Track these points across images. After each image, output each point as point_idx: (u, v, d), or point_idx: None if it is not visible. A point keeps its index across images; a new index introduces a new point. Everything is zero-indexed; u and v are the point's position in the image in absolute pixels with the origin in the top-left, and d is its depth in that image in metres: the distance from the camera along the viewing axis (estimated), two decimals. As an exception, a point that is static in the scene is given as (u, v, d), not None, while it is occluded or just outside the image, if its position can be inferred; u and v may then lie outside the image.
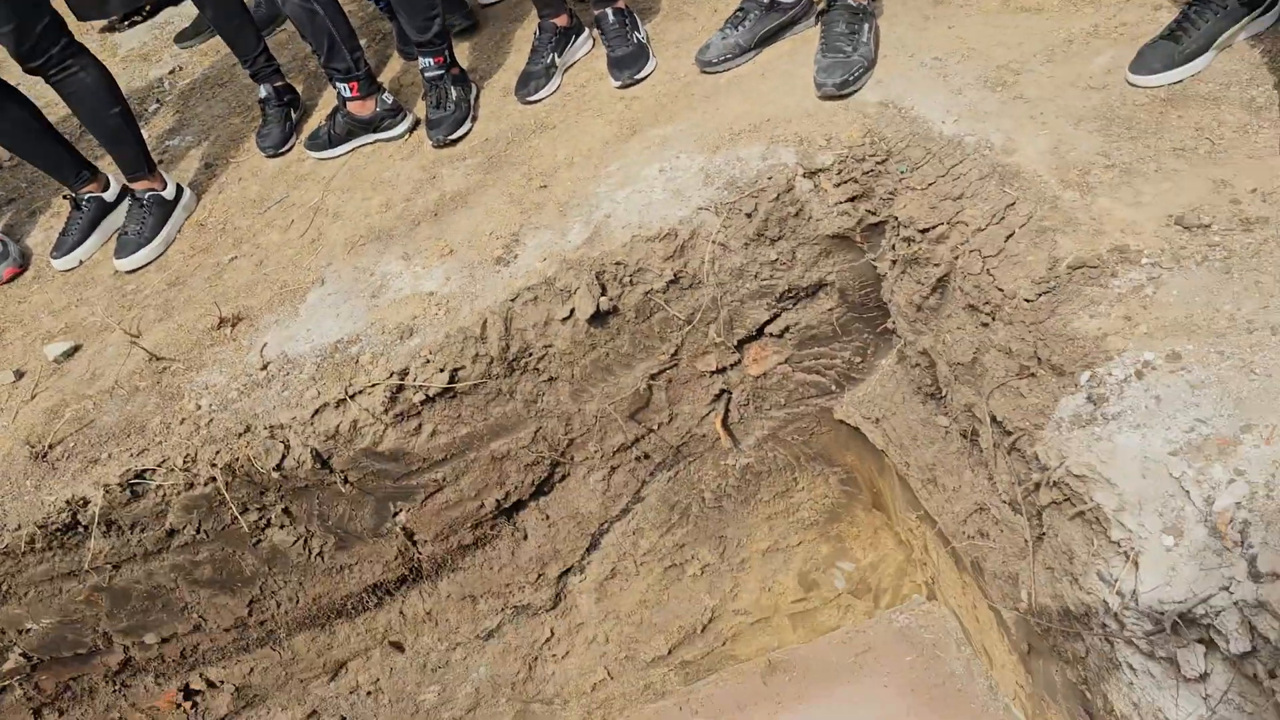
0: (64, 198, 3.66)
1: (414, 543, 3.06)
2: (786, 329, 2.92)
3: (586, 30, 3.63)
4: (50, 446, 2.82)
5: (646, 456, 3.10)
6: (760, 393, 3.06)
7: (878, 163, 2.68)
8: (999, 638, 2.91)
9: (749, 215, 2.73)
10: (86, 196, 3.59)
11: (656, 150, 3.03)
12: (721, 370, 2.97)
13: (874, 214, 2.71)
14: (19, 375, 3.19)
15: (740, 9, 3.22)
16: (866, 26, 2.98)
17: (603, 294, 2.76)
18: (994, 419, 2.39)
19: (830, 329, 2.94)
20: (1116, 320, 2.12)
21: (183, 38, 4.91)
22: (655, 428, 3.04)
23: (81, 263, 3.58)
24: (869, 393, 3.06)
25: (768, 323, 2.90)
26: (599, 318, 2.78)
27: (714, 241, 2.76)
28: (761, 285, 2.82)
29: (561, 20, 3.53)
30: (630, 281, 2.78)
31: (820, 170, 2.72)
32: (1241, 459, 1.81)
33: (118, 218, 3.64)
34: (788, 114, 2.93)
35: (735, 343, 2.92)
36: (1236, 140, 2.38)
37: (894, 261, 2.73)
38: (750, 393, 3.05)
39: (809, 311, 2.91)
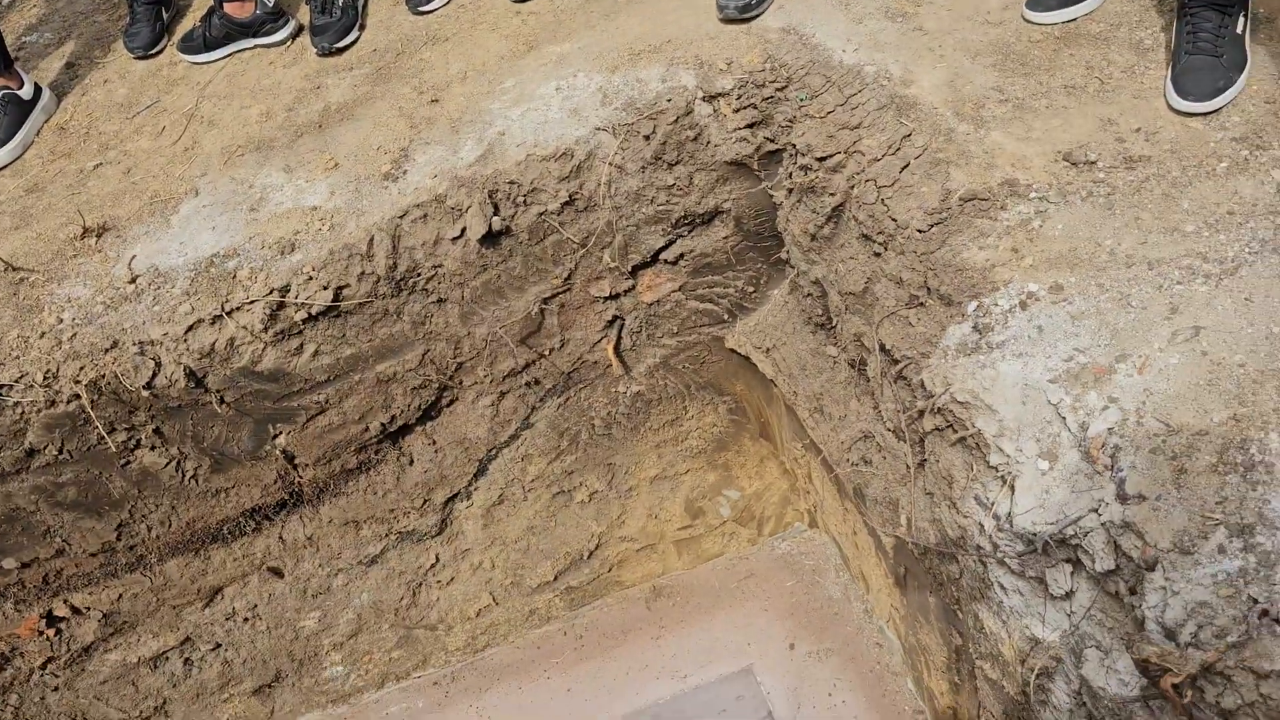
0: None
1: (295, 466, 2.96)
2: (681, 256, 2.90)
3: (483, -60, 3.48)
4: (-108, 359, 2.62)
5: (537, 382, 3.06)
6: (653, 320, 3.05)
7: (777, 89, 2.66)
8: (877, 563, 3.00)
9: (647, 138, 2.69)
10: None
11: (553, 68, 2.94)
12: (615, 296, 2.94)
13: (772, 141, 2.70)
14: None
15: (642, -75, 3.13)
16: (770, -49, 2.93)
17: (495, 214, 2.69)
18: (882, 348, 2.43)
19: (725, 257, 2.93)
20: (1004, 252, 2.17)
21: None
22: (546, 353, 3.00)
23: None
24: (761, 322, 3.08)
25: (663, 249, 2.88)
26: (491, 238, 2.71)
27: (611, 164, 2.71)
28: (658, 210, 2.78)
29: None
30: (524, 202, 2.72)
31: (720, 95, 2.68)
32: (1115, 387, 1.88)
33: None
34: (689, 36, 2.87)
35: (629, 268, 2.89)
36: (1124, 80, 2.43)
37: (790, 190, 2.73)
38: (643, 320, 3.03)
39: (704, 239, 2.89)
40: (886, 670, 3.21)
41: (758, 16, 2.86)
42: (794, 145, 2.65)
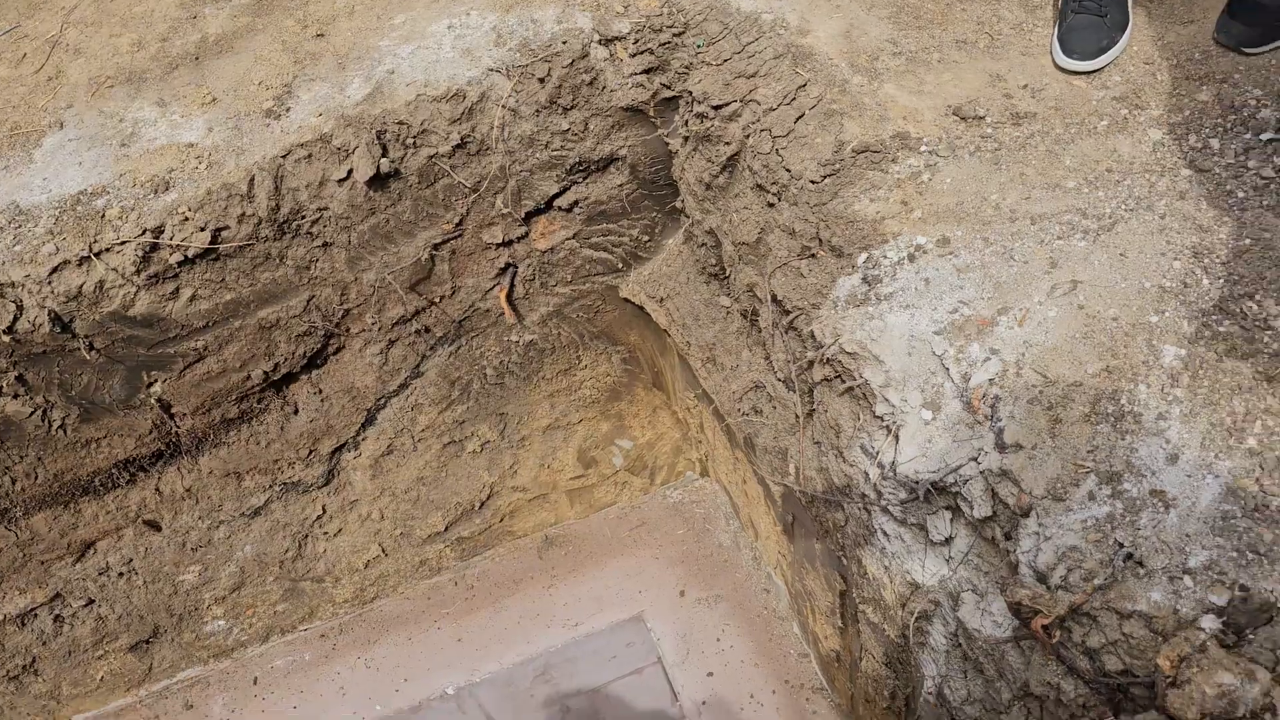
0: None
1: (171, 416, 2.84)
2: (576, 203, 2.86)
3: None
4: None
5: (427, 330, 2.99)
6: (547, 268, 3.00)
7: (675, 35, 2.62)
8: (765, 511, 3.05)
9: (541, 80, 2.62)
10: None
11: (446, 5, 2.85)
12: (508, 243, 2.88)
13: (669, 88, 2.67)
14: None
15: None
16: (670, -108, 2.87)
17: (384, 155, 2.60)
18: (774, 298, 2.44)
19: (620, 205, 2.90)
20: (894, 205, 2.19)
21: None
22: (437, 300, 2.93)
23: None
24: (655, 272, 3.07)
25: (556, 196, 2.83)
26: (379, 180, 2.62)
27: (504, 106, 2.64)
28: (552, 156, 2.73)
29: None
30: (414, 144, 2.63)
31: (616, 38, 2.64)
32: (996, 339, 1.93)
33: None
34: (585, -23, 2.81)
35: (523, 215, 2.83)
36: (1013, 37, 2.48)
37: (686, 138, 2.71)
38: (536, 268, 2.98)
39: (599, 186, 2.85)
40: (774, 615, 3.28)
41: (656, -41, 2.80)
42: (690, 93, 2.62)
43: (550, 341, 3.17)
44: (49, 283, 2.49)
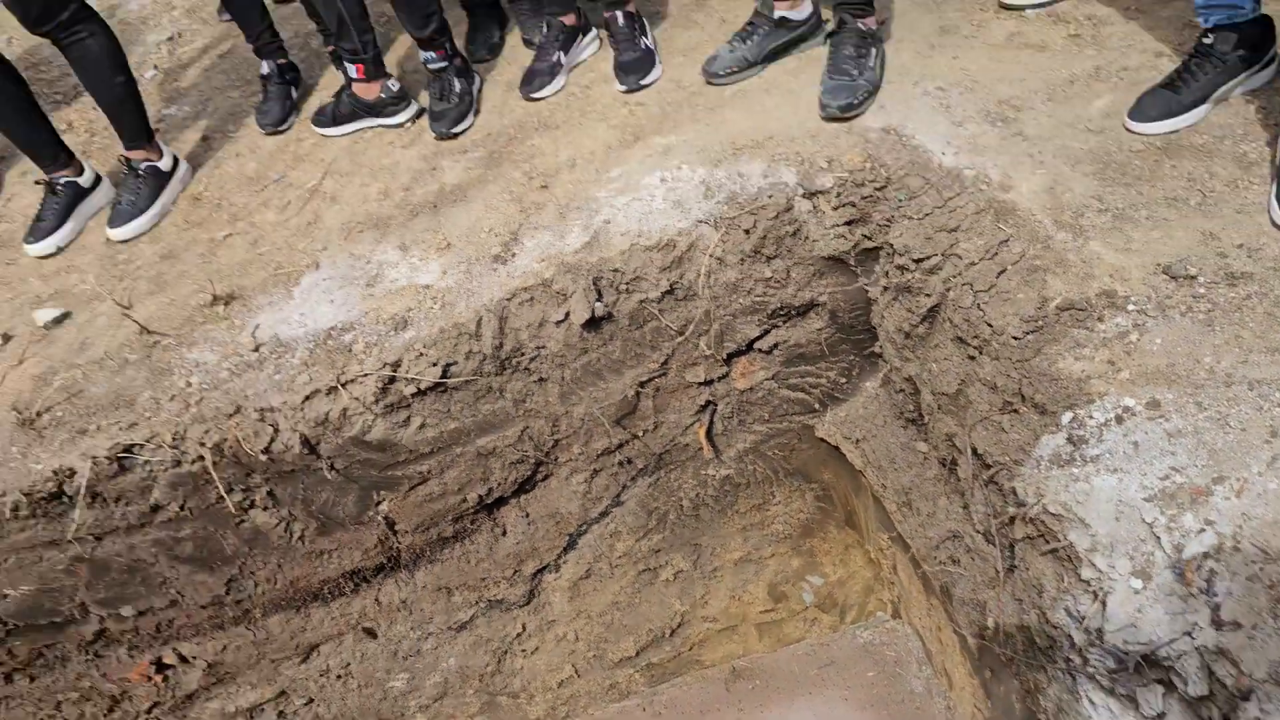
0: (36, 182, 3.58)
1: (394, 532, 3.08)
2: (775, 346, 2.97)
3: (594, 30, 3.65)
4: (38, 414, 2.82)
5: (629, 462, 3.14)
6: (745, 406, 3.11)
7: (876, 189, 2.73)
8: (961, 661, 2.98)
9: (747, 232, 2.78)
10: (62, 180, 3.53)
11: (659, 159, 3.06)
12: (709, 382, 3.01)
13: (870, 239, 2.76)
14: (6, 339, 3.18)
15: (750, 23, 3.26)
16: (874, 51, 3.02)
17: (599, 300, 2.80)
18: (974, 451, 2.45)
19: (818, 349, 2.99)
20: (1100, 364, 2.19)
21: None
22: (640, 434, 3.08)
23: (60, 249, 3.49)
24: (851, 413, 3.12)
25: (757, 338, 2.95)
26: (593, 323, 2.82)
27: (711, 255, 2.80)
28: (754, 301, 2.86)
29: (569, 19, 3.55)
30: (626, 289, 2.82)
31: (820, 192, 2.77)
32: (1212, 510, 1.88)
33: (93, 203, 3.60)
34: (791, 133, 2.97)
35: (724, 356, 2.96)
36: (1226, 194, 2.45)
37: (886, 288, 2.78)
38: (735, 406, 3.10)
39: (799, 330, 2.96)
40: (967, 769, 3.16)
41: (858, 116, 2.94)
42: (891, 245, 2.71)
43: (746, 476, 3.26)
44: (302, 409, 2.78)
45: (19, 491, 2.69)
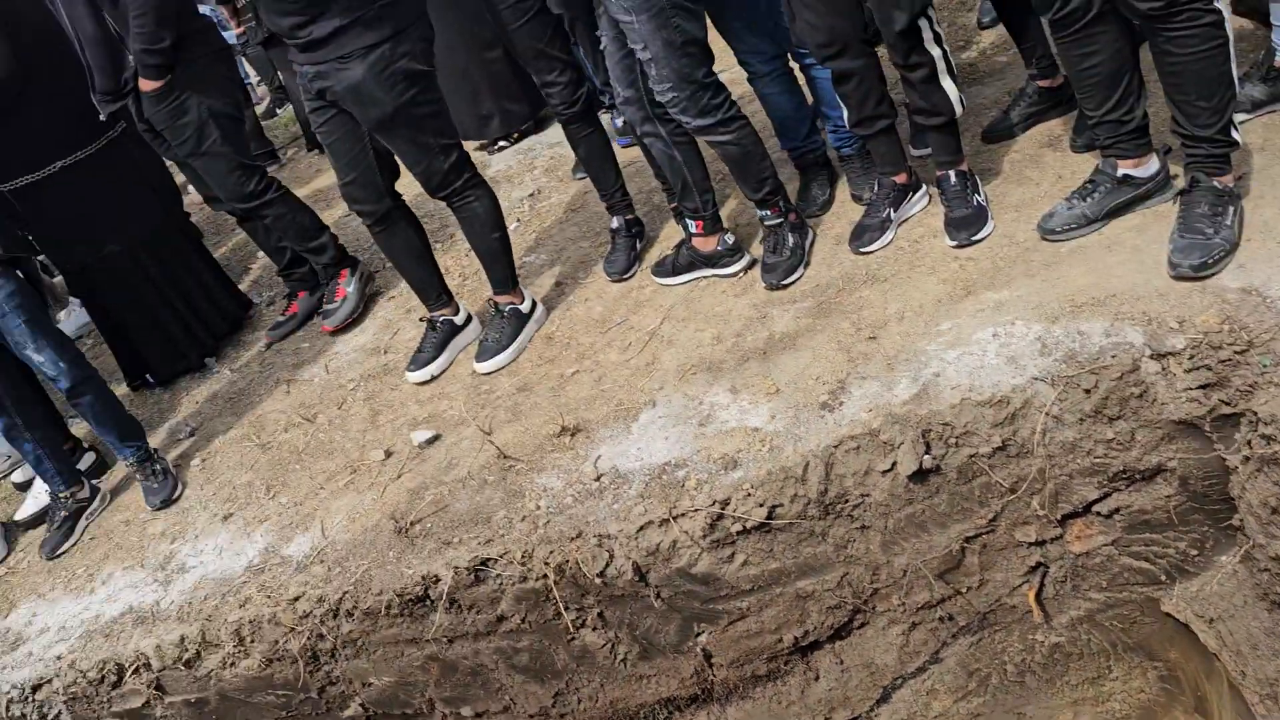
0: (421, 319, 4.12)
1: (711, 664, 3.17)
2: (1116, 510, 2.83)
3: (924, 187, 3.74)
4: (411, 524, 3.21)
5: (950, 618, 3.07)
6: (1080, 571, 2.96)
7: (1236, 352, 2.58)
8: None
9: (1087, 391, 2.71)
10: (441, 319, 4.03)
11: (990, 314, 3.06)
12: (1040, 543, 2.91)
13: (1228, 405, 2.60)
14: (388, 455, 3.65)
15: (1090, 180, 3.23)
16: (1231, 209, 2.90)
17: (926, 452, 2.81)
18: (1360, 646, 2.20)
19: (1165, 516, 2.81)
20: None
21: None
22: (963, 590, 3.01)
23: (434, 378, 3.98)
24: (1204, 589, 2.88)
25: (1096, 501, 2.83)
26: (920, 475, 2.83)
27: (1047, 413, 2.75)
28: (1094, 463, 2.76)
29: (901, 178, 3.66)
30: (955, 443, 2.82)
31: (1170, 354, 2.66)
32: None
33: (464, 338, 4.08)
34: (1135, 291, 2.88)
35: (1059, 517, 2.86)
36: None
37: (1248, 458, 2.59)
38: (1069, 570, 2.96)
39: (1143, 495, 2.80)
40: None
41: (1213, 276, 2.81)
42: (1254, 412, 2.54)
43: (1078, 646, 3.07)
44: (635, 538, 2.97)
45: (393, 591, 3.05)
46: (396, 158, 3.75)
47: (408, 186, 3.89)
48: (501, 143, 6.10)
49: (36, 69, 4.10)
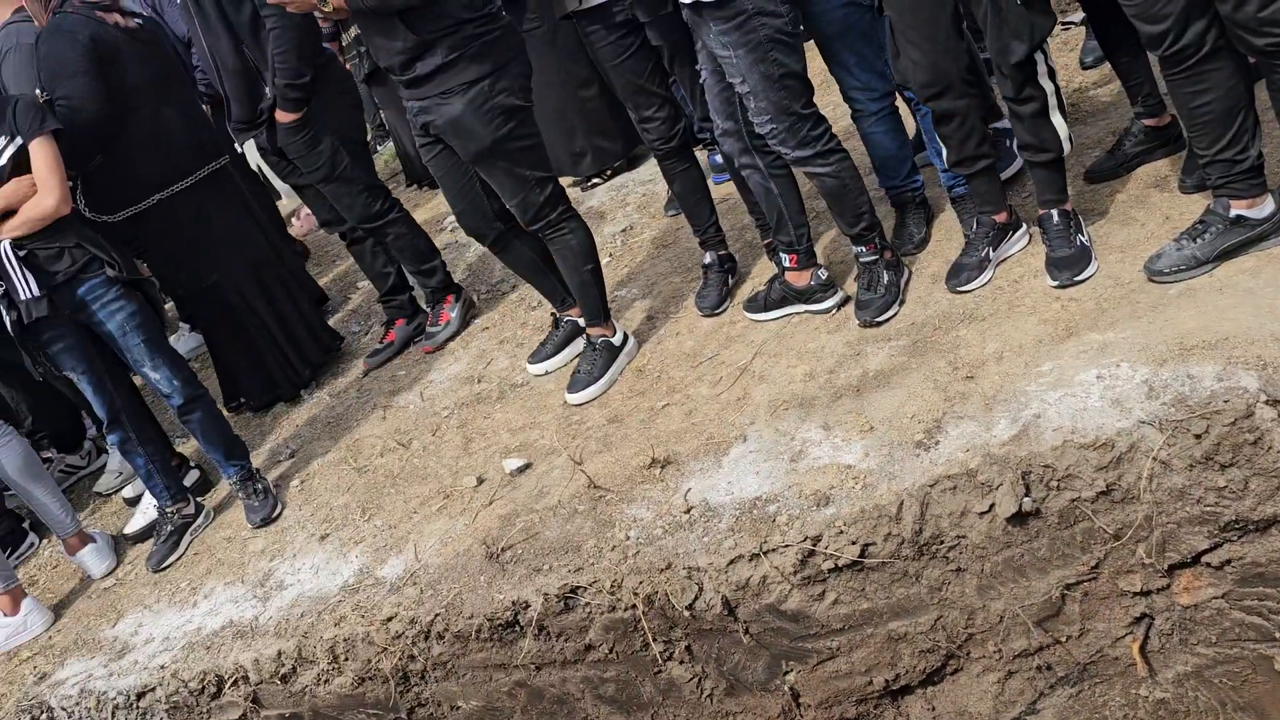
0: (551, 313, 4.32)
1: (798, 704, 3.13)
2: (1228, 561, 2.72)
3: (1025, 226, 3.69)
4: (502, 550, 3.25)
5: (1048, 667, 2.98)
6: (1188, 624, 2.85)
7: (1360, 401, 2.48)
8: None
9: (1198, 437, 2.62)
10: (566, 318, 4.16)
11: (1094, 355, 2.99)
12: (1146, 593, 2.81)
13: (1350, 455, 2.50)
14: (480, 481, 3.71)
15: (1201, 221, 3.15)
16: (1352, 253, 2.80)
17: (1026, 494, 2.75)
18: None
19: (1280, 570, 2.70)
20: None
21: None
22: (1063, 639, 2.92)
23: (548, 372, 4.18)
24: (1323, 649, 2.75)
25: (1206, 551, 2.73)
26: (1018, 518, 2.77)
27: (1155, 458, 2.67)
28: (1204, 511, 2.67)
29: (1001, 216, 3.62)
30: (1057, 486, 2.75)
31: (1287, 400, 2.56)
32: None
33: (572, 350, 4.18)
34: (1249, 335, 2.79)
35: (1166, 566, 2.76)
36: None
37: (1374, 511, 2.48)
38: (1176, 623, 2.85)
39: (1257, 547, 2.69)
40: None
41: (1334, 320, 2.71)
42: (1379, 463, 2.43)
43: (1185, 704, 2.95)
44: (725, 572, 2.96)
45: (483, 616, 3.09)
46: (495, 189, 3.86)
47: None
48: (595, 179, 6.20)
49: (136, 107, 4.35)
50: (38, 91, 4.07)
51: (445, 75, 3.54)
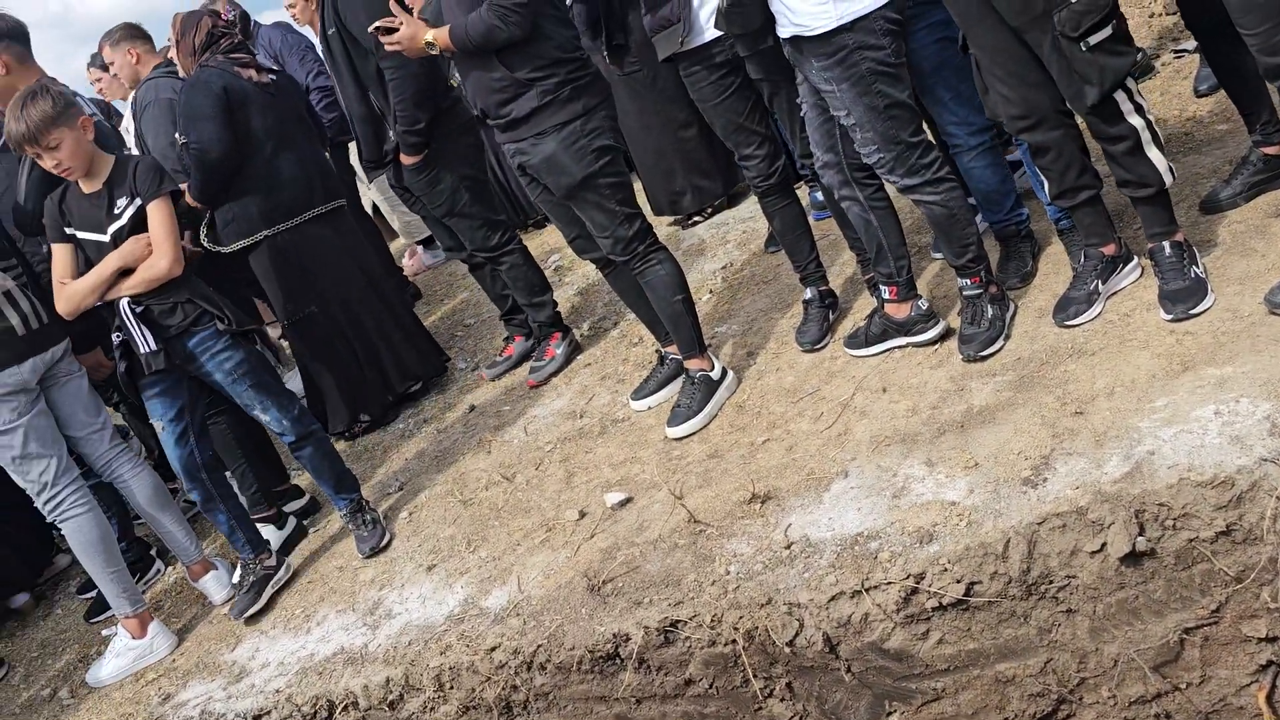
0: (655, 350, 4.42)
1: (902, 746, 3.07)
2: (1361, 607, 2.59)
3: (1135, 259, 3.60)
4: (603, 583, 3.29)
5: (1168, 716, 2.85)
6: (1319, 673, 2.71)
7: None
8: None
9: (1325, 475, 2.51)
10: (671, 356, 4.22)
11: (1212, 391, 2.89)
12: (1272, 639, 2.69)
13: None
14: (582, 515, 3.77)
15: (1324, 252, 3.03)
16: None
17: (1140, 534, 2.67)
18: None
19: None
20: None
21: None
22: (1182, 686, 2.80)
23: (650, 409, 4.23)
24: None
25: (1336, 596, 2.60)
26: (1132, 558, 2.68)
27: (1277, 498, 2.56)
28: (1333, 553, 2.55)
29: (1109, 249, 3.54)
30: (1173, 526, 2.66)
31: None
32: None
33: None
34: (1381, 370, 2.67)
35: (1293, 611, 2.64)
36: None
37: None
38: (1306, 670, 2.72)
39: (1393, 592, 2.56)
40: None
41: None
42: None
43: (1317, 757, 2.80)
44: (826, 608, 2.94)
45: (584, 648, 3.13)
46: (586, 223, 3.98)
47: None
48: (695, 217, 6.27)
49: (255, 151, 4.71)
50: (177, 136, 4.39)
51: (540, 117, 3.75)
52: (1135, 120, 3.22)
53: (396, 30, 3.78)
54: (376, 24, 3.85)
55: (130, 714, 3.89)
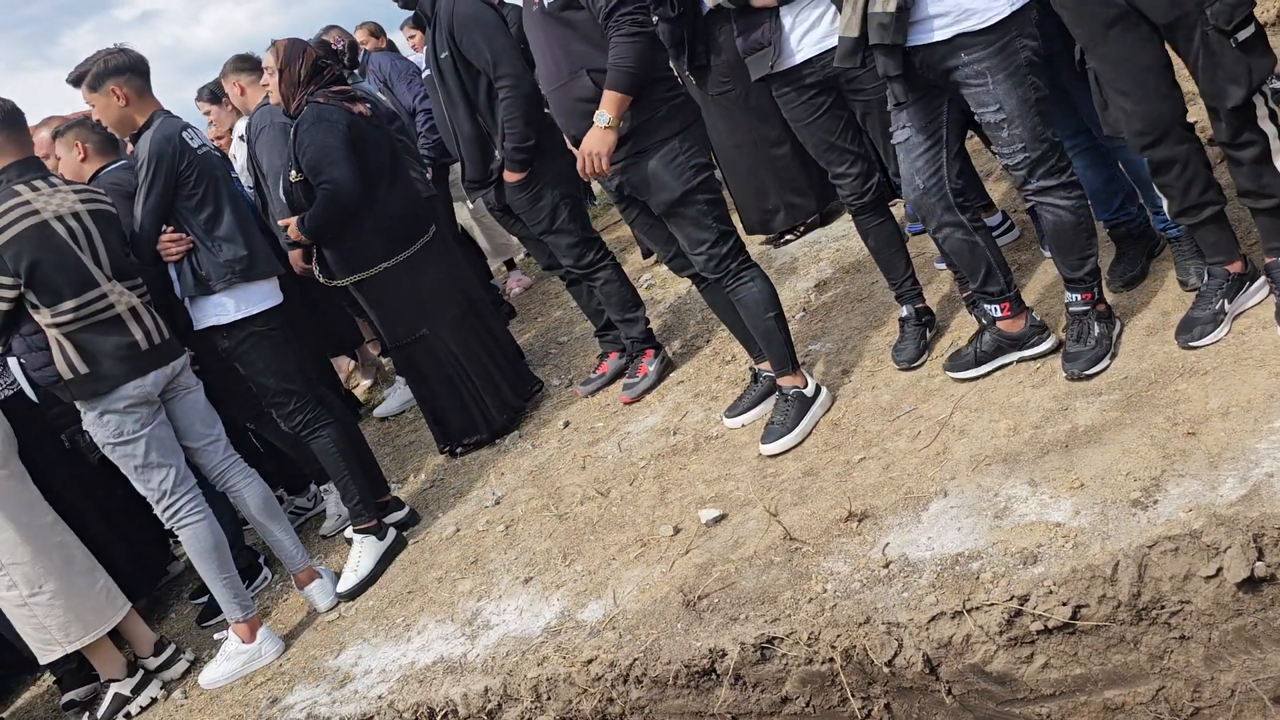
0: (749, 367, 4.43)
1: (1005, 772, 3.00)
2: None
3: (1262, 278, 3.46)
4: (699, 598, 3.29)
5: (1289, 749, 2.75)
6: None
7: None
8: None
9: None
10: (765, 373, 4.23)
11: (1336, 412, 2.79)
12: (1403, 671, 2.57)
13: None
14: (676, 531, 3.78)
15: None
16: None
17: (1259, 559, 2.57)
18: None
19: None
20: None
21: None
22: (1305, 720, 2.69)
23: (744, 426, 4.24)
24: None
25: None
26: (1250, 583, 2.59)
27: None
28: None
29: (1235, 267, 3.40)
30: (1295, 550, 2.56)
31: None
32: None
33: (764, 406, 4.23)
34: None
35: None
36: None
37: None
38: None
39: None
40: None
41: None
42: None
43: None
44: (926, 629, 2.90)
45: (680, 662, 3.14)
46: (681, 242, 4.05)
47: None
48: (787, 236, 6.26)
49: (371, 187, 4.83)
50: (293, 173, 4.54)
51: (638, 137, 3.84)
52: (1267, 127, 3.12)
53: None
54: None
55: (240, 715, 4.03)
